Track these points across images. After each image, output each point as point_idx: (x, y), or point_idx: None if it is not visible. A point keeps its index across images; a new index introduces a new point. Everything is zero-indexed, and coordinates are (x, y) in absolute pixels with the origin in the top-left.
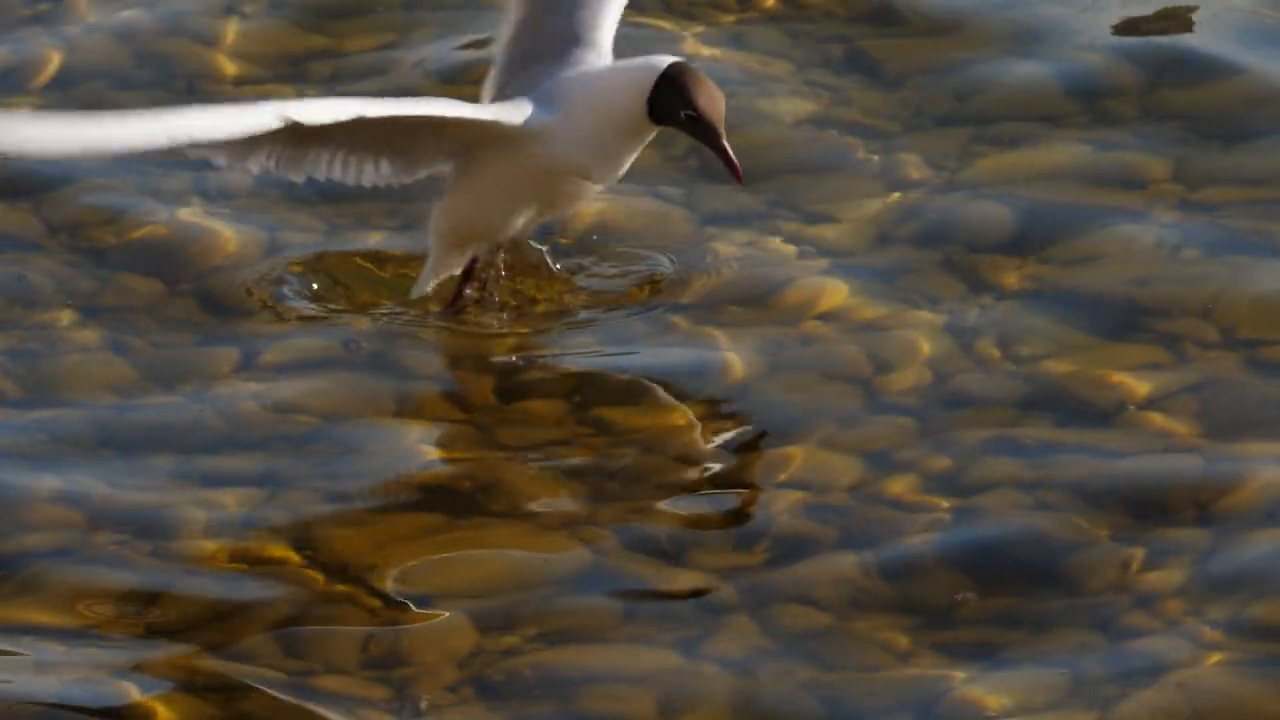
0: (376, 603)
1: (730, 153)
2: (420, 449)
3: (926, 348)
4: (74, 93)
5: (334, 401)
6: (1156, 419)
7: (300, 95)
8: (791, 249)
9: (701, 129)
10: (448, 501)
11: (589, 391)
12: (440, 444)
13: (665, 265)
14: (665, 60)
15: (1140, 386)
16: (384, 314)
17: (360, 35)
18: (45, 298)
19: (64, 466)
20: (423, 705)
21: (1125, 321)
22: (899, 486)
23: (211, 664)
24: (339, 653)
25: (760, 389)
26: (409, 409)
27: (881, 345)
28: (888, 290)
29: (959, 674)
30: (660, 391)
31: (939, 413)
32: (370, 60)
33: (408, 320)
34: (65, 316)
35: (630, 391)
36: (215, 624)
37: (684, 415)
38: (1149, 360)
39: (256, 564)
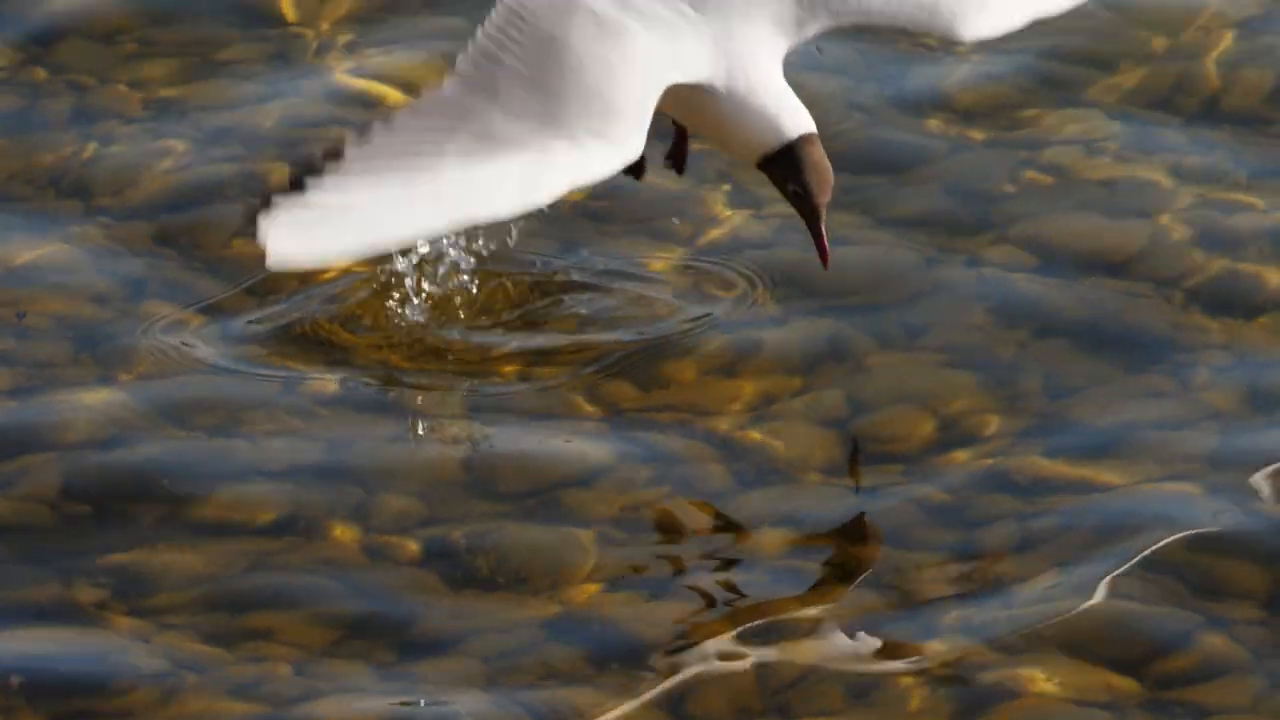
0: (387, 657)
1: (825, 238)
2: (411, 496)
3: (928, 382)
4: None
5: (339, 441)
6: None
7: None
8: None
9: (804, 207)
10: (443, 554)
11: (586, 429)
12: (433, 493)
13: (667, 294)
14: (797, 129)
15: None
16: (388, 347)
17: None
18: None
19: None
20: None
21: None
22: (899, 518)
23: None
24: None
25: (762, 427)
26: (404, 448)
27: (868, 385)
28: (887, 323)
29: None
30: (660, 428)
31: (941, 446)
32: None
33: (409, 354)
34: (63, 352)
35: (628, 426)
36: (226, 669)
37: (688, 446)
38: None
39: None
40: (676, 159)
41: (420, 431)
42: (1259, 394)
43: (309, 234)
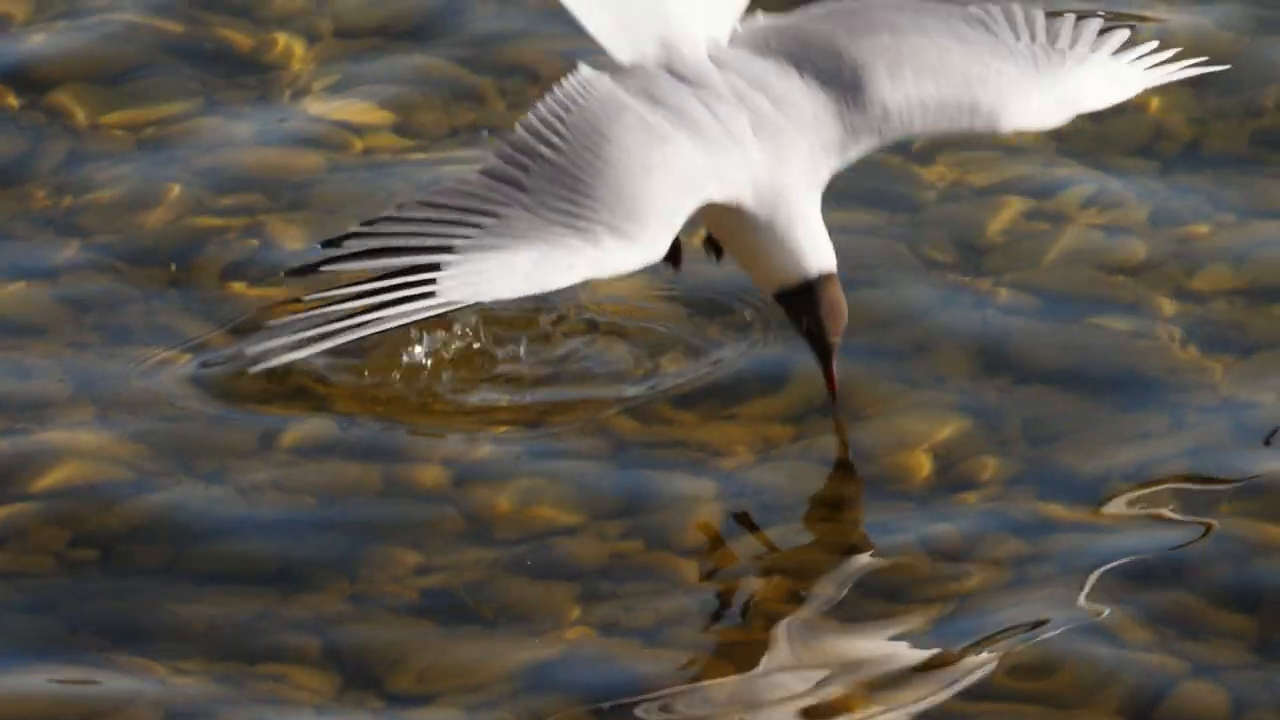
0: (377, 704)
1: (834, 373)
2: (407, 545)
3: (935, 432)
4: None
5: (333, 489)
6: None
7: None
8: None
9: (816, 344)
10: (441, 602)
11: (587, 481)
12: (431, 541)
13: (666, 335)
14: (819, 267)
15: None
16: (381, 395)
17: None
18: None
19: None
20: None
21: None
22: (897, 560)
23: None
24: None
25: (759, 480)
26: (399, 499)
27: (867, 427)
28: (898, 375)
29: None
30: (661, 481)
31: (939, 488)
32: None
33: (405, 401)
34: (61, 393)
35: (629, 481)
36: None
37: (685, 504)
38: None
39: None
40: (717, 245)
41: (415, 478)
42: (1251, 435)
43: (302, 338)
